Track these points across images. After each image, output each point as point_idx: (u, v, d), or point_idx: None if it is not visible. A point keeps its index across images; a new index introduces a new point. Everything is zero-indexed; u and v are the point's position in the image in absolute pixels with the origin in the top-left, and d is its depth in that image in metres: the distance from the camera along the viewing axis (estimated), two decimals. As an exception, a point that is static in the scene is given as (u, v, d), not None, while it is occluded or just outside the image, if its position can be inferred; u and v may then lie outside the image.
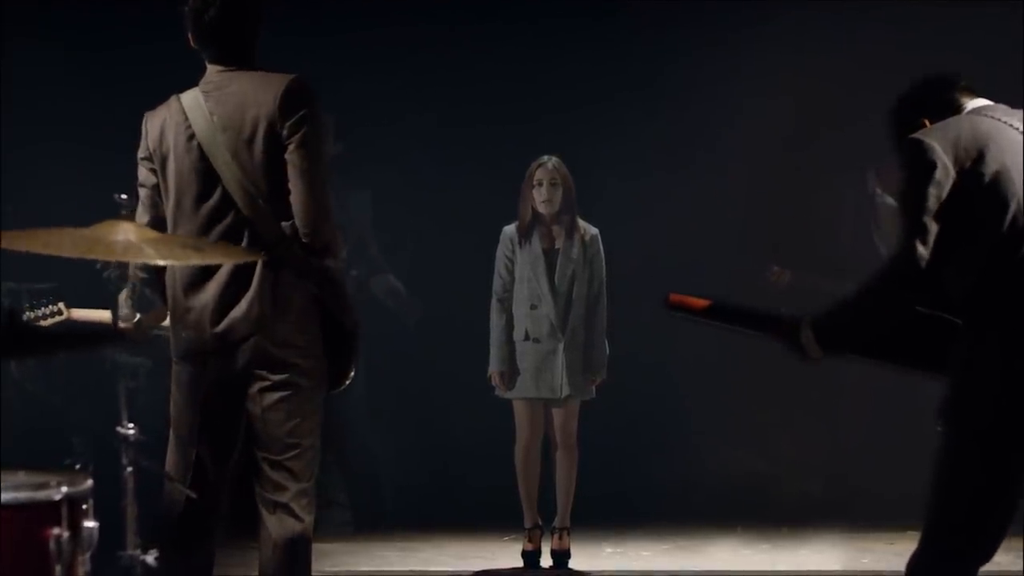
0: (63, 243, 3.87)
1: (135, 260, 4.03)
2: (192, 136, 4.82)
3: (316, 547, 7.83)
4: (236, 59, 4.89)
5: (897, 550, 7.65)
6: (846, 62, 8.93)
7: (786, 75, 8.89)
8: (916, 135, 4.27)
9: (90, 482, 3.82)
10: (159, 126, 4.91)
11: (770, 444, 9.30)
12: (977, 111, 4.36)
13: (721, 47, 8.96)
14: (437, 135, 9.36)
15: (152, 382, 7.79)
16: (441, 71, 9.29)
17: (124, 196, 4.32)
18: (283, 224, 4.79)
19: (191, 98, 4.88)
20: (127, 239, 4.00)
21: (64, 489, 3.69)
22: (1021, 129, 4.29)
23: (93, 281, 7.02)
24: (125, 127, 5.34)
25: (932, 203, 4.18)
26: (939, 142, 4.22)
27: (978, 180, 4.20)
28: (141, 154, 4.97)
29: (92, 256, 3.93)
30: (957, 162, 4.21)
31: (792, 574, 7.45)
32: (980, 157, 4.22)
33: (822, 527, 8.24)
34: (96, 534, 3.77)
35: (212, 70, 4.92)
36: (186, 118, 4.84)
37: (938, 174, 4.19)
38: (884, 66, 8.72)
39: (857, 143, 8.72)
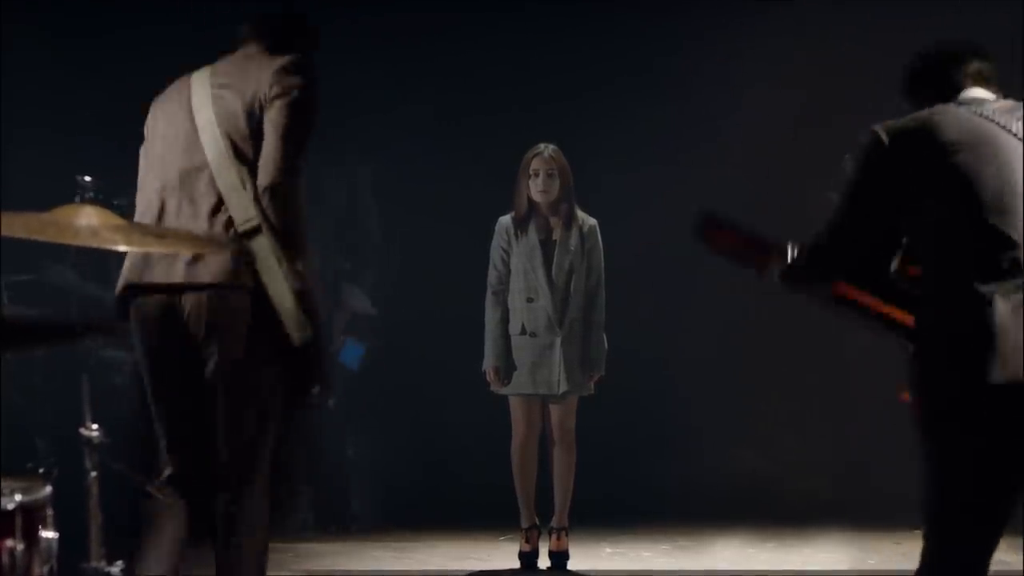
0: (15, 226, 3.66)
1: (95, 245, 3.84)
2: (188, 103, 4.78)
3: (309, 547, 7.89)
4: (267, 44, 4.87)
5: (904, 550, 7.64)
6: (851, 47, 8.92)
7: (789, 61, 8.81)
8: (876, 125, 4.17)
9: (49, 489, 3.62)
10: (162, 101, 4.89)
11: (774, 442, 9.28)
12: (967, 103, 4.17)
13: (723, 32, 8.91)
14: (431, 124, 9.35)
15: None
16: (435, 59, 9.27)
17: (88, 178, 4.14)
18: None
19: (200, 72, 4.87)
20: (89, 224, 3.80)
21: (18, 497, 3.49)
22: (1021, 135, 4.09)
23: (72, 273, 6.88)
24: (101, 113, 5.20)
25: (859, 189, 4.16)
26: (888, 132, 4.12)
27: (941, 177, 4.06)
28: (147, 134, 4.91)
29: (47, 239, 3.74)
30: (913, 154, 4.09)
31: (797, 574, 7.36)
32: (950, 154, 4.05)
33: (828, 526, 8.18)
34: (55, 545, 3.58)
35: (236, 53, 4.91)
36: (190, 88, 4.82)
37: (877, 161, 4.13)
38: (890, 51, 8.58)
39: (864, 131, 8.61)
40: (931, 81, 4.27)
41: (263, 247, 4.62)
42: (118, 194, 5.44)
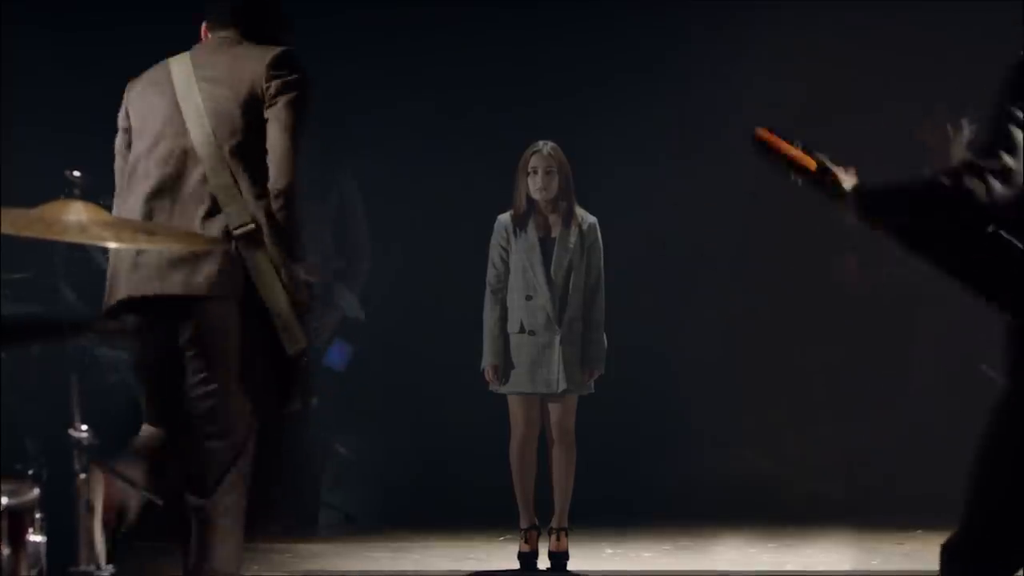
0: (3, 222, 3.62)
1: (83, 241, 3.79)
2: (173, 97, 4.71)
3: (306, 548, 7.85)
4: (244, 30, 4.82)
5: (906, 551, 7.61)
6: (855, 42, 8.86)
7: (794, 56, 8.77)
8: None
9: (37, 492, 3.56)
10: (140, 90, 4.84)
11: (776, 442, 9.27)
12: None
13: (726, 27, 8.87)
14: (431, 121, 9.30)
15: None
16: (434, 54, 9.26)
17: (77, 174, 4.10)
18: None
19: (179, 60, 4.81)
20: (79, 220, 3.74)
21: (4, 500, 3.43)
22: None
23: (68, 271, 6.84)
24: (96, 109, 5.18)
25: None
26: None
27: None
28: (121, 123, 4.89)
29: (35, 235, 3.69)
30: None
31: (799, 574, 7.30)
32: None
33: (830, 527, 8.12)
34: (43, 549, 3.52)
35: (211, 39, 4.85)
36: (171, 79, 4.74)
37: None
38: (895, 47, 8.57)
39: (869, 127, 8.60)
40: None
41: (259, 253, 4.54)
42: (109, 190, 5.39)
